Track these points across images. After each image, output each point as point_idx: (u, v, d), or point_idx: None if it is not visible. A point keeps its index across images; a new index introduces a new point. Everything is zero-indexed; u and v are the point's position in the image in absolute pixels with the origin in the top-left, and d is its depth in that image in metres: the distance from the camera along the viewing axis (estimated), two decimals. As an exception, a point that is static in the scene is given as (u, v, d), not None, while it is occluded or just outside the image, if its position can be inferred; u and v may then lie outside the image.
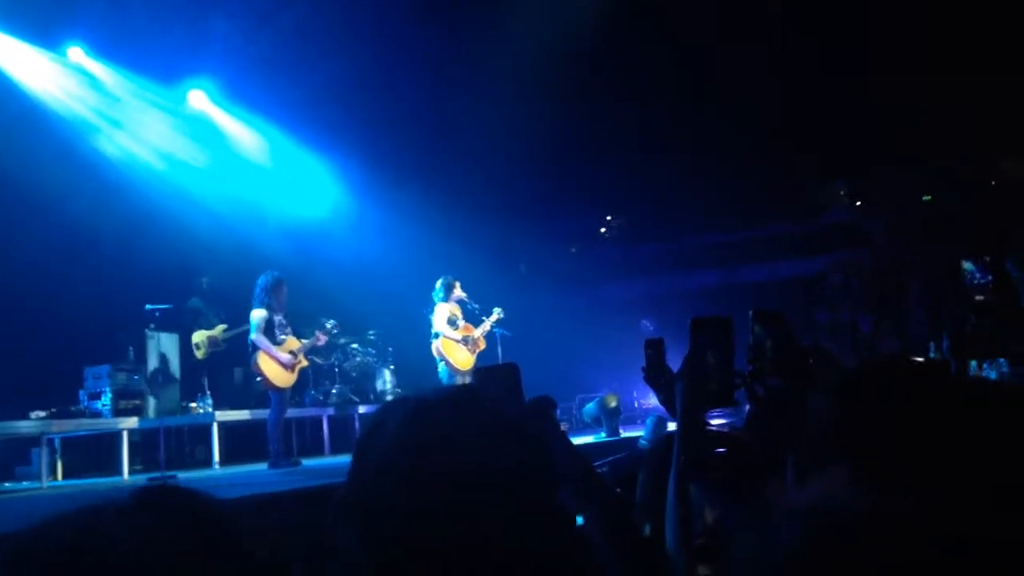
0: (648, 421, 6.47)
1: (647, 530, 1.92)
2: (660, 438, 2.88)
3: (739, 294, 12.95)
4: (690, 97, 10.91)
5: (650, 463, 2.31)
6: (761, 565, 0.77)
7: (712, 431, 1.80)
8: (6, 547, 0.73)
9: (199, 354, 9.41)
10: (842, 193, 13.79)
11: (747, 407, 1.81)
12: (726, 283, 13.85)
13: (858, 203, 13.73)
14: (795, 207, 13.65)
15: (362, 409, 9.88)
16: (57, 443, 8.05)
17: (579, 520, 1.38)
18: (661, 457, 1.99)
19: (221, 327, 9.53)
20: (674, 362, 1.87)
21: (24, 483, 7.65)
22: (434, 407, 0.97)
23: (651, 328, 12.91)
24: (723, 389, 1.75)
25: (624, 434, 8.85)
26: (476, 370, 1.59)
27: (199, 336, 9.44)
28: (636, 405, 12.46)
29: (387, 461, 0.93)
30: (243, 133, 11.47)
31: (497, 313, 9.28)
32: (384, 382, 10.85)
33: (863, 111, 10.79)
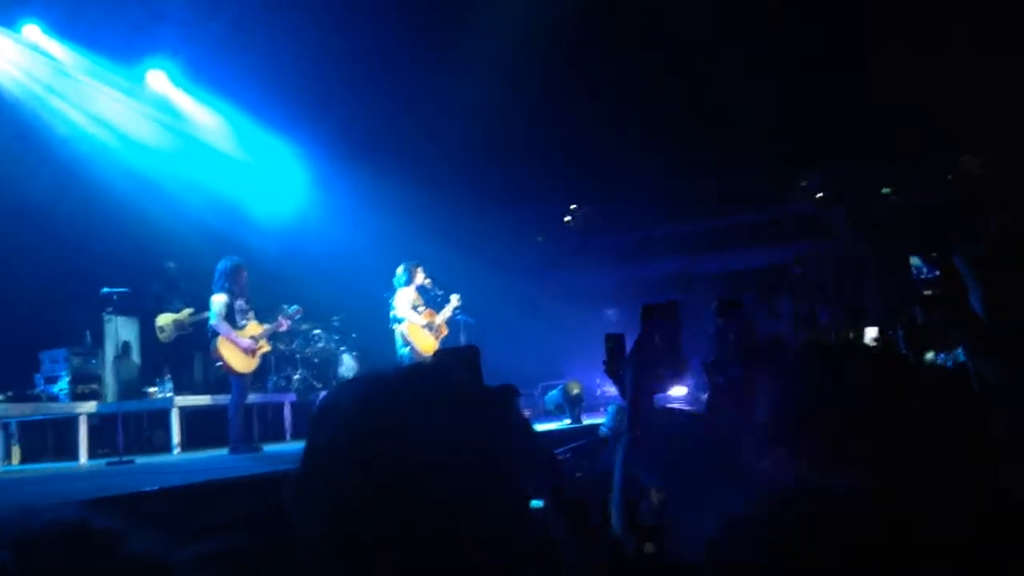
0: (609, 409, 6.56)
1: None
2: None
3: (702, 283, 13.08)
4: (657, 89, 10.97)
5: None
6: (706, 539, 0.80)
7: (668, 408, 1.84)
8: None
9: (163, 337, 9.28)
10: (804, 185, 13.97)
11: (704, 395, 1.86)
12: (690, 272, 13.98)
13: (819, 195, 13.91)
14: (758, 198, 13.81)
15: (323, 395, 9.84)
16: (14, 427, 7.91)
17: (537, 503, 1.40)
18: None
19: (188, 311, 9.40)
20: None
21: (-20, 468, 7.52)
22: (390, 384, 0.96)
23: (614, 318, 13.01)
24: (672, 372, 1.81)
25: (586, 421, 8.92)
26: (436, 352, 1.61)
27: (164, 319, 9.31)
28: (599, 393, 12.55)
29: (342, 437, 0.92)
30: (205, 116, 11.27)
31: (456, 299, 9.25)
32: (347, 368, 10.80)
33: (826, 104, 10.93)
